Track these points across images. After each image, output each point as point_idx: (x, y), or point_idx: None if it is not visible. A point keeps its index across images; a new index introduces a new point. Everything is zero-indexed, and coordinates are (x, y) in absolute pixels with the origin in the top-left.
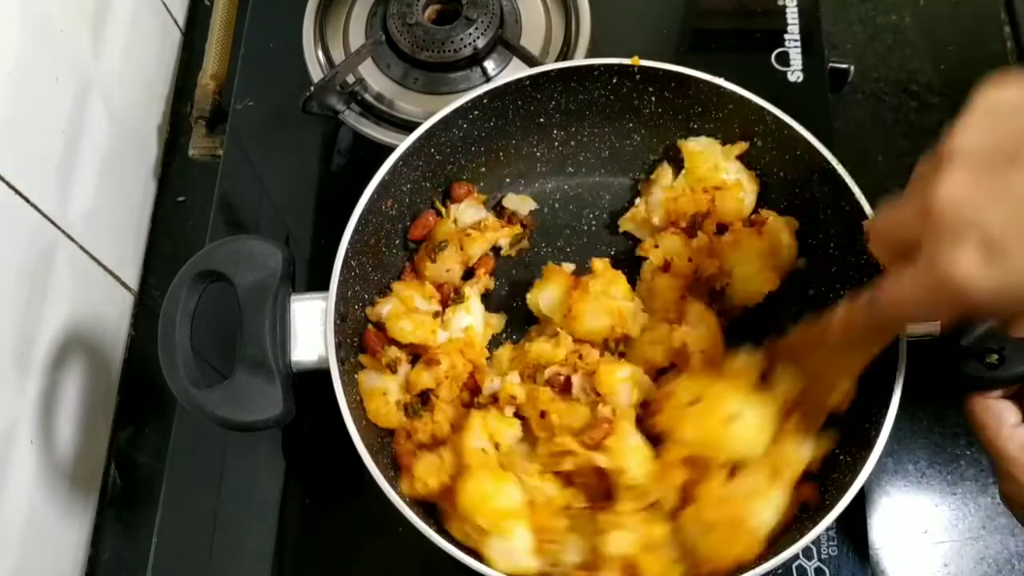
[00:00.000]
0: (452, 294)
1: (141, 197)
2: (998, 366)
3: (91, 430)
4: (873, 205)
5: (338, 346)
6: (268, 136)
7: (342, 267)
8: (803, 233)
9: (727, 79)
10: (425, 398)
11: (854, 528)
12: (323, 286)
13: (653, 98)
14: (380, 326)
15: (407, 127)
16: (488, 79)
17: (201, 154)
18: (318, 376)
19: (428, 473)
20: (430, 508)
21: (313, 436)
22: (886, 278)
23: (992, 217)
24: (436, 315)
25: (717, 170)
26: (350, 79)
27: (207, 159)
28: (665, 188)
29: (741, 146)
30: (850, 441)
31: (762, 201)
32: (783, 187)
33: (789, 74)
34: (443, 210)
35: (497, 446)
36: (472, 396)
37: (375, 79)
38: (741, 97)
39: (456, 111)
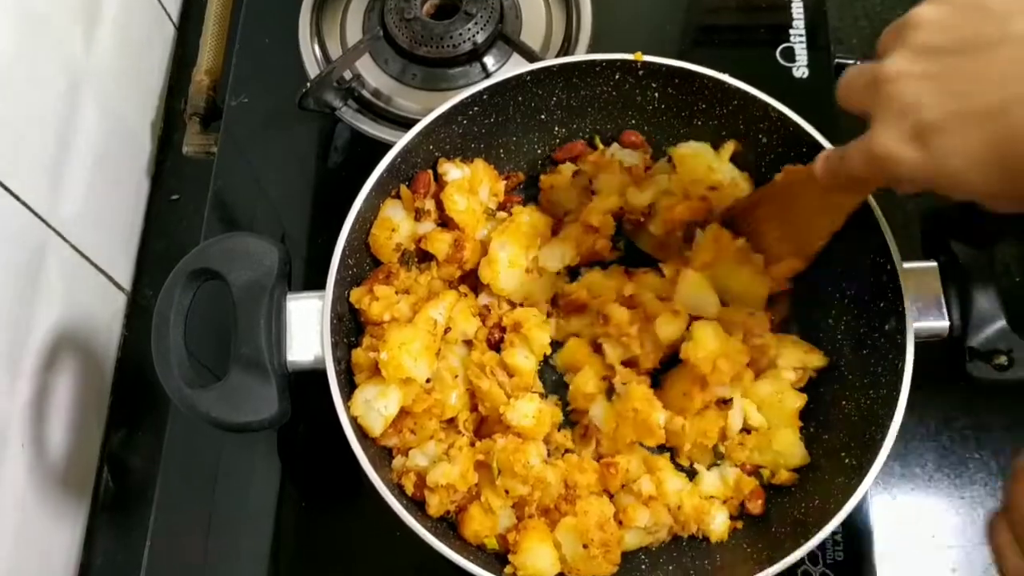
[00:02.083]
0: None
1: (134, 195)
2: (1007, 367)
3: (83, 432)
4: (881, 203)
5: (334, 346)
6: (263, 133)
7: (339, 266)
8: None
9: (731, 75)
10: (423, 258)
11: (860, 533)
12: (320, 285)
13: (656, 94)
14: (439, 181)
15: (405, 124)
16: (488, 75)
17: (195, 151)
18: (314, 377)
19: (383, 305)
20: (423, 506)
21: (309, 438)
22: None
23: (929, 104)
24: (487, 212)
25: (711, 172)
26: (347, 75)
27: (201, 156)
28: (660, 192)
29: (732, 146)
30: (855, 444)
31: None
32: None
33: (794, 70)
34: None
35: (447, 330)
36: (459, 283)
37: (372, 75)
38: (746, 93)
39: (455, 107)
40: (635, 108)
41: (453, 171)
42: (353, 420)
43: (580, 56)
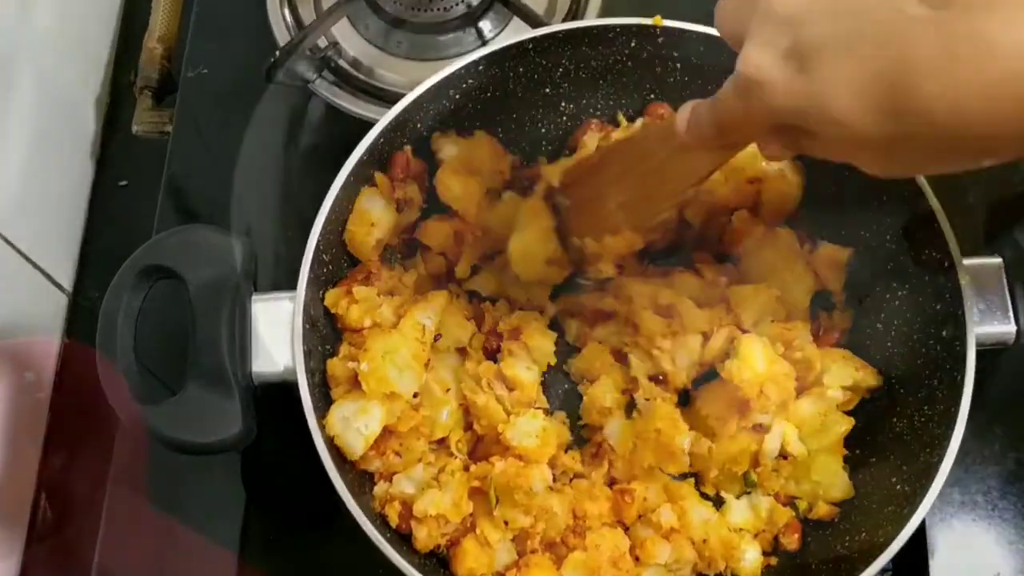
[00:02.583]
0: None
1: (76, 181)
2: None
3: (17, 455)
4: (938, 191)
5: (307, 355)
6: (225, 109)
7: (312, 263)
8: (855, 224)
9: None
10: (408, 254)
11: (914, 569)
12: (290, 285)
13: (678, 64)
14: (420, 157)
15: (389, 99)
16: (484, 42)
17: (146, 130)
18: (283, 391)
19: (363, 309)
20: (409, 539)
21: (277, 461)
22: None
23: (816, 21)
24: (491, 194)
25: (756, 159)
26: (322, 43)
27: (154, 136)
28: None
29: None
30: (908, 469)
31: (807, 194)
32: (830, 170)
33: None
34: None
35: (437, 337)
36: (448, 280)
37: (351, 43)
38: None
39: (447, 80)
40: (654, 80)
41: (448, 147)
42: (329, 441)
43: (590, 21)
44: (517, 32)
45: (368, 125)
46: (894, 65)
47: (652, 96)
